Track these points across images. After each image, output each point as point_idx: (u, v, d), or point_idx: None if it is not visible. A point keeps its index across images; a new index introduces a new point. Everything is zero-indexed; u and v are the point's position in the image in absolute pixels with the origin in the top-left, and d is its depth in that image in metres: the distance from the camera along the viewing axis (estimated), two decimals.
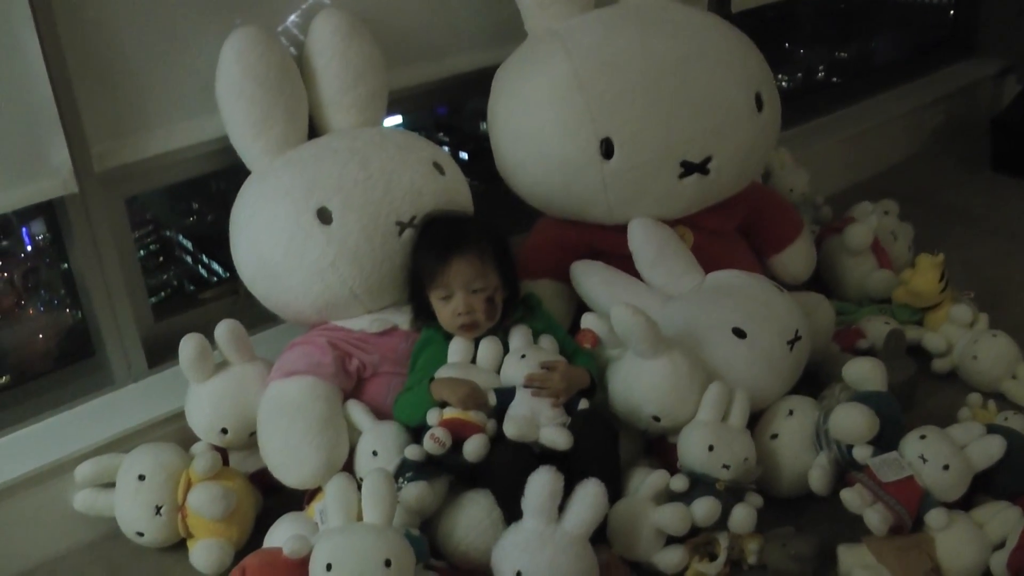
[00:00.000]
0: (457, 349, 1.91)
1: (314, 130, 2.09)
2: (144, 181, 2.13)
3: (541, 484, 1.64)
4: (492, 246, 1.93)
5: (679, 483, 1.79)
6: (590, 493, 1.65)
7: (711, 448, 1.80)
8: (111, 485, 1.93)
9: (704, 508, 1.74)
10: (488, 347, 1.91)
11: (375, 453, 1.86)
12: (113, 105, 1.97)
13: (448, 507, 1.80)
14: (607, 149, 2.04)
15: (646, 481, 1.81)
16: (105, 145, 1.97)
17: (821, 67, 3.69)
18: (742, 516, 1.77)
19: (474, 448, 1.75)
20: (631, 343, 1.87)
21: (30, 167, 1.85)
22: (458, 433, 1.78)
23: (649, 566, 1.79)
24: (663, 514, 1.75)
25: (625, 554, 1.78)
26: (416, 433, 1.85)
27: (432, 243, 1.93)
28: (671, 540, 1.78)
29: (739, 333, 1.95)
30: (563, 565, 1.61)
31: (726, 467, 1.80)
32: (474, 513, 1.76)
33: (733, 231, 2.31)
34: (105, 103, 1.96)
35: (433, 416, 1.81)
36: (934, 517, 1.71)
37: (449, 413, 1.80)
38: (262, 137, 1.98)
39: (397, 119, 2.48)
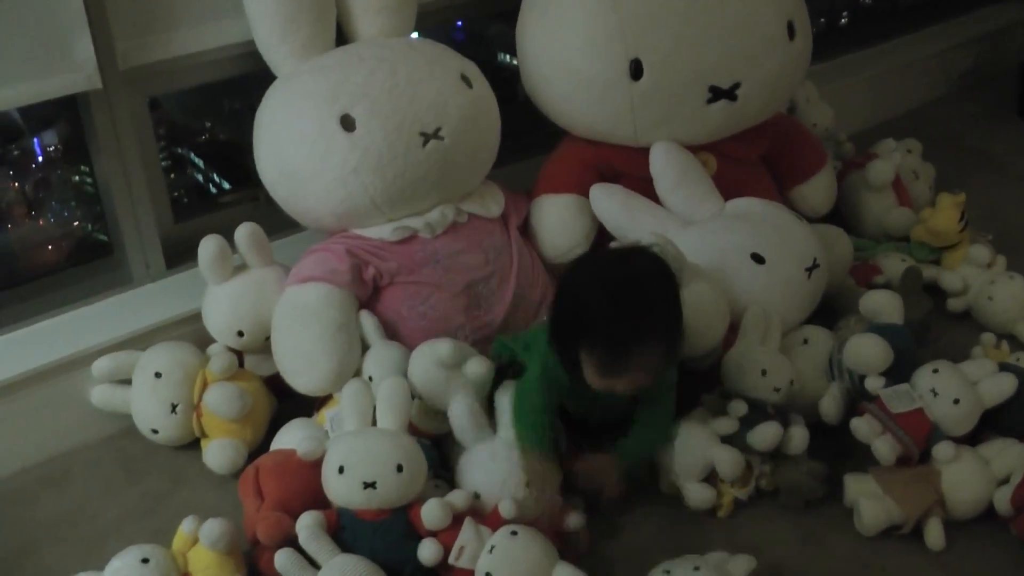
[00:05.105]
0: None
1: (344, 40, 2.07)
2: (168, 81, 2.13)
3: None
4: (670, 344, 1.64)
5: (740, 408, 1.77)
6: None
7: (764, 372, 1.79)
8: (128, 382, 1.95)
9: (767, 433, 1.74)
10: None
11: (371, 378, 1.85)
12: (140, 3, 1.95)
13: None
14: (636, 70, 2.03)
15: (719, 419, 1.77)
16: (131, 43, 1.96)
17: (845, 13, 3.60)
18: (800, 437, 1.77)
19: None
20: None
21: (56, 61, 1.84)
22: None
23: (675, 493, 1.79)
24: (722, 456, 1.73)
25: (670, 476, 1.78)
26: None
27: (614, 330, 1.58)
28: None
29: (758, 258, 1.95)
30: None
31: (776, 390, 1.79)
32: None
33: (756, 160, 2.29)
34: (133, 1, 1.94)
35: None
36: (941, 450, 1.72)
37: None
38: (288, 40, 1.96)
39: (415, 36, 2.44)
